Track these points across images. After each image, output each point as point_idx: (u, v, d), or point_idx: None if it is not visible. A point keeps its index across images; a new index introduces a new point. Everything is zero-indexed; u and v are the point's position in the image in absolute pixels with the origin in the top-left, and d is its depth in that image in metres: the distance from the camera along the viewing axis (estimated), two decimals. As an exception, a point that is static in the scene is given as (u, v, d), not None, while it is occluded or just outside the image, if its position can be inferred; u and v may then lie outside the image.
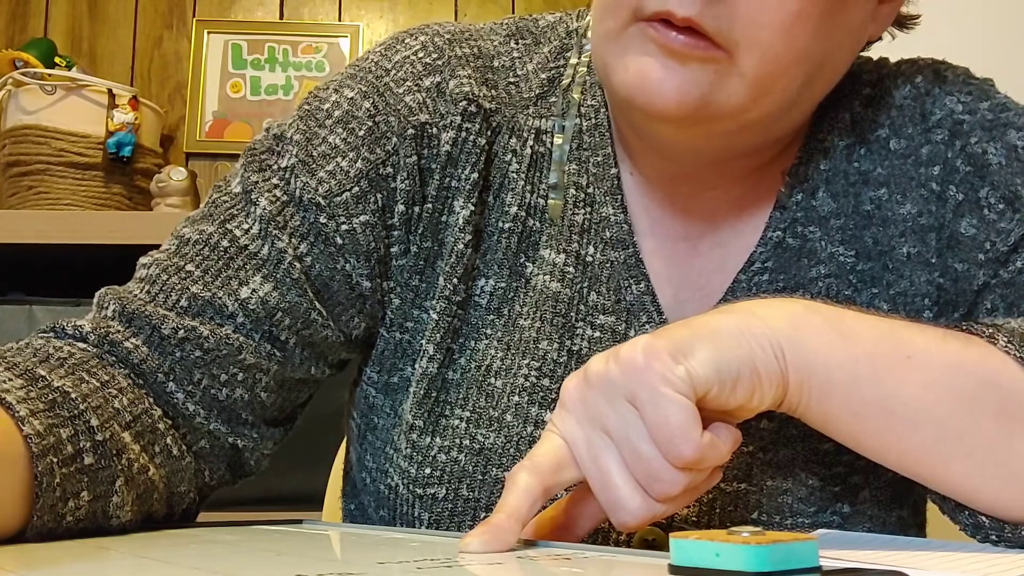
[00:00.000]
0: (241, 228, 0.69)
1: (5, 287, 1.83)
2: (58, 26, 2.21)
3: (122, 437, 0.60)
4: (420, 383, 0.70)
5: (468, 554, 0.48)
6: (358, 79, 0.72)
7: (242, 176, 0.71)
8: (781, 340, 0.55)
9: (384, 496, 0.72)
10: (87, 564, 0.48)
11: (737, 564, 0.35)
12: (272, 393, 0.70)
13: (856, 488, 0.69)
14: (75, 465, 0.56)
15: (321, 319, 0.70)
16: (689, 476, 0.52)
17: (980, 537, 0.59)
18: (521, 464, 0.54)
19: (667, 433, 0.51)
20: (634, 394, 0.52)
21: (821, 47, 0.62)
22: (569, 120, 0.73)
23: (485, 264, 0.71)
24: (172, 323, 0.66)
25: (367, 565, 0.44)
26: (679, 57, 0.60)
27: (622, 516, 0.53)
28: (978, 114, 0.70)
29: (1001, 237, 0.68)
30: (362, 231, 0.69)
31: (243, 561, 0.48)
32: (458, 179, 0.70)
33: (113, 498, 0.58)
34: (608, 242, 0.71)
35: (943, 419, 0.56)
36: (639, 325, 0.70)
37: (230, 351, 0.67)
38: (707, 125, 0.63)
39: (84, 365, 0.62)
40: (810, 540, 0.35)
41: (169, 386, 0.66)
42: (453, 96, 0.70)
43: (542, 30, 0.76)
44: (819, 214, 0.71)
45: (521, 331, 0.70)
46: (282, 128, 0.72)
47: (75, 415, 0.58)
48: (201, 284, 0.68)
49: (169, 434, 0.65)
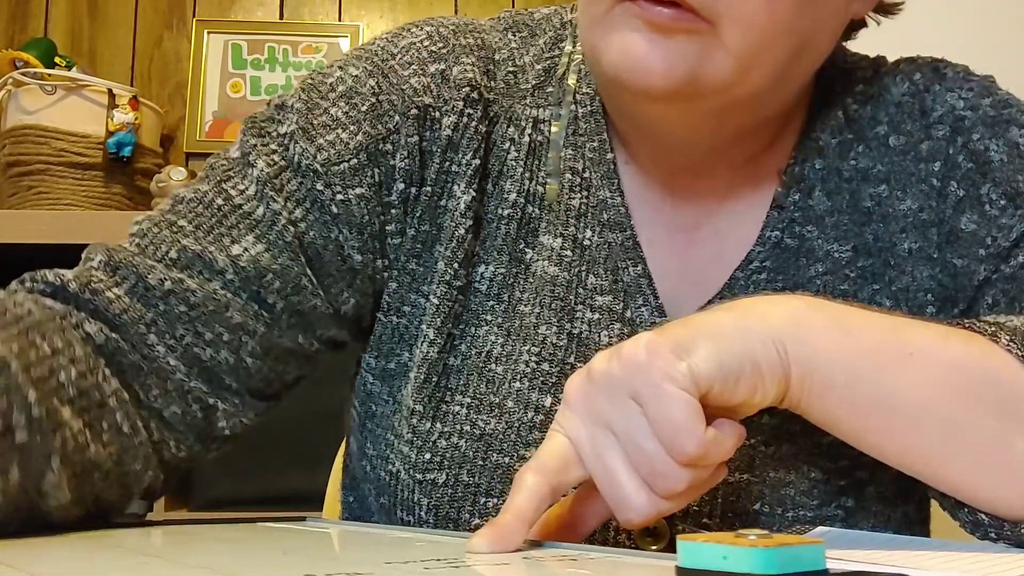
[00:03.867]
0: (237, 188, 0.69)
1: (5, 287, 1.83)
2: (58, 26, 2.21)
3: (61, 413, 0.58)
4: (420, 368, 0.70)
5: (475, 554, 0.48)
6: (363, 59, 0.73)
7: (241, 141, 0.71)
8: (783, 336, 0.55)
9: (385, 483, 0.72)
10: (87, 562, 0.48)
11: (744, 567, 0.35)
12: (258, 359, 0.70)
13: (861, 483, 0.69)
14: (5, 442, 0.54)
15: (311, 286, 0.70)
16: (693, 472, 0.52)
17: (979, 535, 0.59)
18: (528, 465, 0.54)
19: (670, 430, 0.51)
20: (637, 391, 0.52)
21: (805, 21, 0.62)
22: (565, 107, 0.73)
23: (484, 250, 0.71)
24: (159, 274, 0.66)
25: (375, 565, 0.44)
26: (664, 31, 0.60)
27: (627, 514, 0.53)
28: (980, 110, 0.70)
29: (1003, 233, 0.68)
30: (357, 203, 0.70)
31: (249, 560, 0.48)
32: (458, 164, 0.70)
33: (48, 476, 0.56)
34: (605, 224, 0.72)
35: (944, 417, 0.56)
36: (636, 307, 0.71)
37: (216, 307, 0.67)
38: (695, 102, 0.63)
39: (39, 327, 0.60)
40: (817, 543, 0.36)
41: (150, 338, 0.66)
42: (456, 82, 0.71)
43: (537, 22, 0.77)
44: (816, 213, 0.72)
45: (521, 317, 0.71)
46: (283, 98, 0.72)
47: (12, 387, 0.55)
48: (192, 238, 0.68)
49: (120, 409, 0.64)
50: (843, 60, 0.75)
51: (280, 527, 0.62)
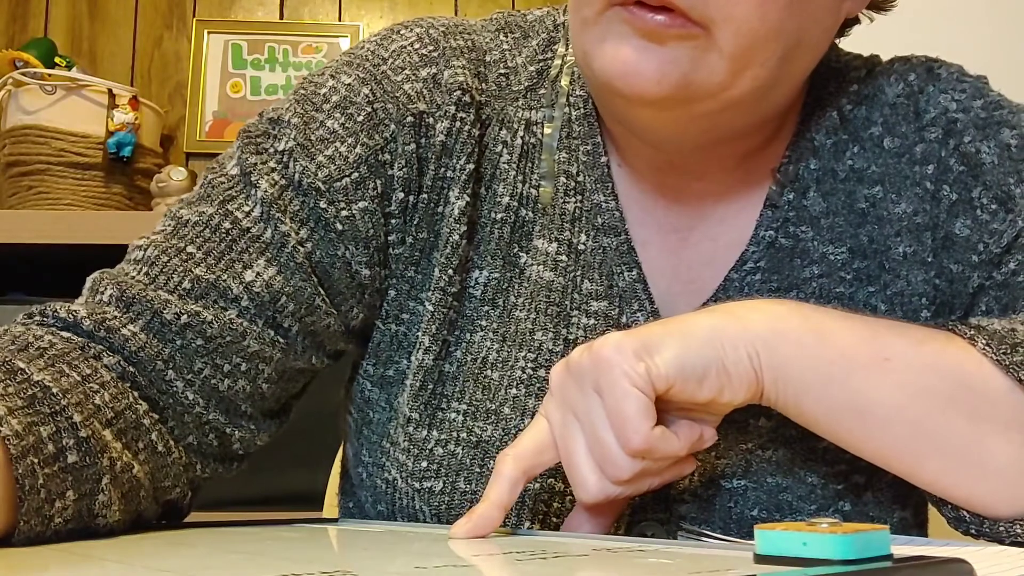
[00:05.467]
0: (242, 210, 0.68)
1: (5, 287, 1.83)
2: (58, 26, 2.21)
3: (103, 435, 0.58)
4: (416, 375, 0.70)
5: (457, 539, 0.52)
6: (355, 66, 0.72)
7: (239, 158, 0.70)
8: (756, 341, 0.58)
9: (382, 491, 0.72)
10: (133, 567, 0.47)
11: (825, 552, 0.36)
12: (273, 384, 0.70)
13: (858, 487, 0.69)
14: (58, 464, 0.55)
15: (325, 306, 0.69)
16: (641, 464, 0.57)
17: (963, 530, 0.61)
18: (506, 451, 0.59)
19: (620, 422, 0.56)
20: (599, 385, 0.57)
21: (797, 21, 0.62)
22: (558, 109, 0.73)
23: (479, 255, 0.71)
24: (175, 308, 0.65)
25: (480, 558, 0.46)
26: (656, 37, 0.60)
27: (580, 492, 0.58)
28: (972, 112, 0.70)
29: (994, 239, 0.68)
30: (361, 218, 0.69)
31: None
32: (452, 169, 0.70)
33: (99, 496, 0.57)
34: (600, 229, 0.72)
35: (915, 419, 0.58)
36: (631, 312, 0.71)
37: (234, 337, 0.67)
38: (688, 106, 0.63)
39: (65, 357, 0.61)
40: (883, 530, 0.37)
41: (168, 374, 0.65)
42: (448, 86, 0.70)
43: (530, 24, 0.77)
44: (810, 214, 0.71)
45: (517, 323, 0.70)
46: (278, 112, 0.71)
47: (56, 411, 0.56)
48: (204, 266, 0.67)
49: (155, 430, 0.64)
50: (836, 59, 0.75)
51: (311, 528, 0.62)
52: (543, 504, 0.68)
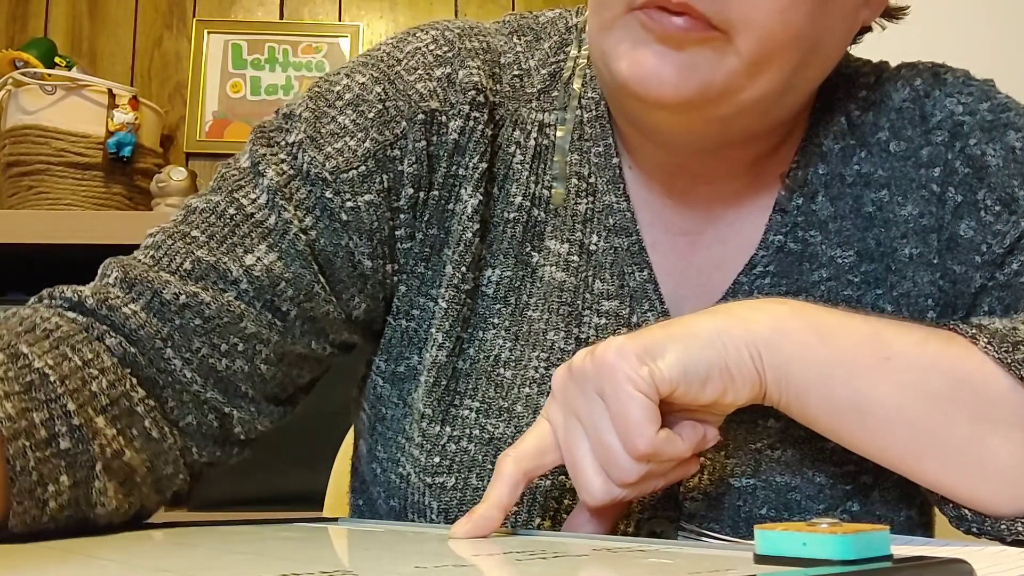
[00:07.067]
0: (248, 198, 0.70)
1: (5, 287, 1.83)
2: (58, 26, 2.21)
3: (96, 422, 0.60)
4: (430, 372, 0.71)
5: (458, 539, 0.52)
6: (369, 66, 0.73)
7: (250, 151, 0.72)
8: (759, 342, 0.58)
9: (395, 486, 0.73)
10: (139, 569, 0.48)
11: (825, 552, 0.36)
12: (272, 366, 0.71)
13: (866, 487, 0.70)
14: (50, 449, 0.56)
15: (324, 293, 0.70)
16: (646, 466, 0.57)
17: (964, 529, 0.61)
18: (507, 452, 0.59)
19: (625, 426, 0.56)
20: (603, 389, 0.57)
21: (815, 28, 0.63)
22: (570, 111, 0.74)
23: (492, 254, 0.72)
24: (174, 288, 0.67)
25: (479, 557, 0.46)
26: (675, 42, 0.60)
27: (585, 496, 0.58)
28: (978, 115, 0.70)
29: (997, 239, 0.68)
30: (366, 210, 0.70)
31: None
32: (465, 167, 0.71)
33: (95, 483, 0.58)
34: (611, 229, 0.72)
35: (916, 418, 0.58)
36: (642, 312, 0.71)
37: (231, 319, 0.68)
38: (705, 110, 0.64)
39: (68, 340, 0.62)
40: (883, 530, 0.37)
41: (166, 352, 0.67)
42: (463, 86, 0.71)
43: (542, 26, 0.77)
44: (819, 218, 0.72)
45: (530, 323, 0.71)
46: (291, 107, 0.73)
47: (52, 399, 0.57)
48: (206, 249, 0.68)
49: (149, 416, 0.65)
50: (845, 65, 0.75)
51: (314, 527, 0.62)
52: (554, 501, 0.68)
